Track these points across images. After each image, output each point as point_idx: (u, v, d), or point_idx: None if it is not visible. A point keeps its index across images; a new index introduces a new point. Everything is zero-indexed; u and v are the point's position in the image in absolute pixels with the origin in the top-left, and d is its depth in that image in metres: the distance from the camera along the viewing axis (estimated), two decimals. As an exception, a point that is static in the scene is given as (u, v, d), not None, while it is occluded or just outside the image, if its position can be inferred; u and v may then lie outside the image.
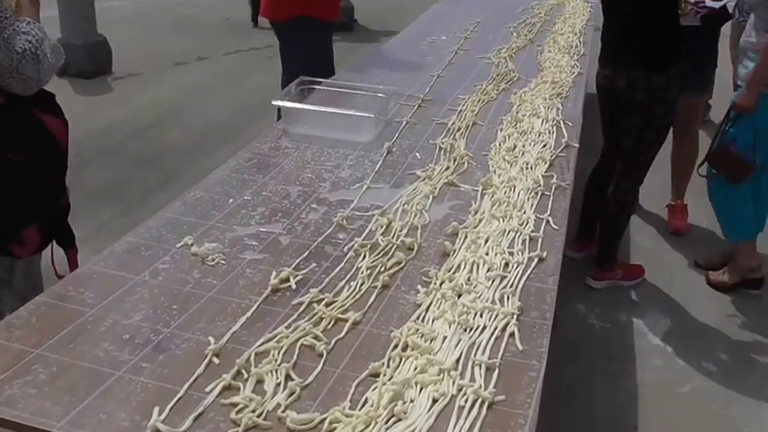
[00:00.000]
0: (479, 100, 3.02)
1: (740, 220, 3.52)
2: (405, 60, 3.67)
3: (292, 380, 1.38)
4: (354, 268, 1.79)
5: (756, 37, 3.26)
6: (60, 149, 2.08)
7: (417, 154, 2.51)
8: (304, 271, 1.76)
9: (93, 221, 2.93)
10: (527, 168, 2.37)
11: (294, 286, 1.70)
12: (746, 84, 3.25)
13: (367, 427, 1.26)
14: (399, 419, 1.29)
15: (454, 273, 1.77)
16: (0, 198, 1.95)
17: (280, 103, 2.63)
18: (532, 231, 1.98)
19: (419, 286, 1.72)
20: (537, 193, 2.20)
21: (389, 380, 1.38)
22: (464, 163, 2.42)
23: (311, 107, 2.65)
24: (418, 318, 1.60)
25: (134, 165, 4.81)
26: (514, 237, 1.95)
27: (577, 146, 2.59)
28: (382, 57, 3.82)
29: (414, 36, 4.20)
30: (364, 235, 1.95)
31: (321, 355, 1.46)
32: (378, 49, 4.16)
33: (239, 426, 1.26)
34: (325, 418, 1.28)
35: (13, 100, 1.96)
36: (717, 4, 3.47)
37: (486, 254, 1.85)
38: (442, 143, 2.56)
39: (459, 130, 2.70)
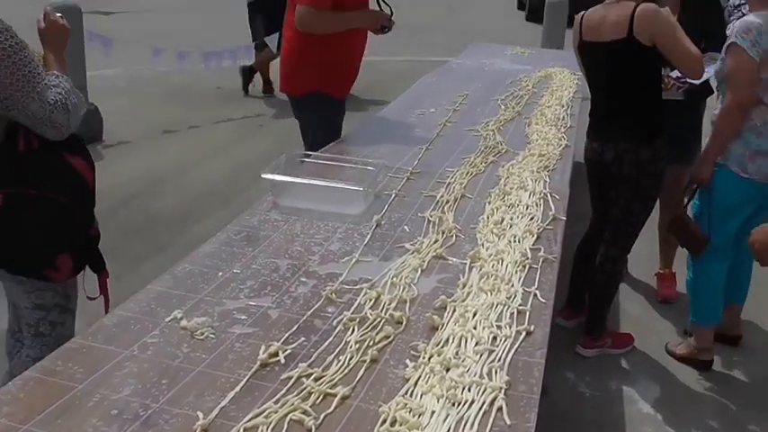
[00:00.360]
0: (468, 173, 3.07)
1: (705, 304, 3.54)
2: (394, 132, 3.73)
3: (280, 457, 1.38)
4: (343, 342, 1.80)
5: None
6: (88, 187, 2.40)
7: (406, 227, 2.54)
8: (293, 345, 1.77)
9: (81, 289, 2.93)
10: (515, 241, 2.40)
11: (283, 361, 1.70)
12: (703, 154, 3.34)
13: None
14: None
15: (442, 347, 1.78)
16: (35, 230, 2.29)
17: (269, 176, 2.67)
18: (520, 305, 2.00)
19: (408, 360, 1.73)
20: (525, 267, 2.23)
21: (378, 457, 1.38)
22: (452, 236, 2.45)
23: (301, 180, 2.69)
24: (407, 392, 1.60)
25: (124, 233, 4.82)
26: (502, 310, 1.97)
27: (564, 219, 2.63)
28: (372, 129, 3.88)
29: (403, 108, 4.28)
30: (353, 308, 1.96)
31: (310, 431, 1.46)
32: (367, 120, 4.23)
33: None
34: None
35: (45, 144, 2.26)
36: (697, 81, 3.56)
37: (475, 328, 1.87)
38: (431, 216, 2.60)
39: (447, 202, 2.73)
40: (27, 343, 2.47)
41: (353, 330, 1.85)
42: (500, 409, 1.55)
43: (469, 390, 1.60)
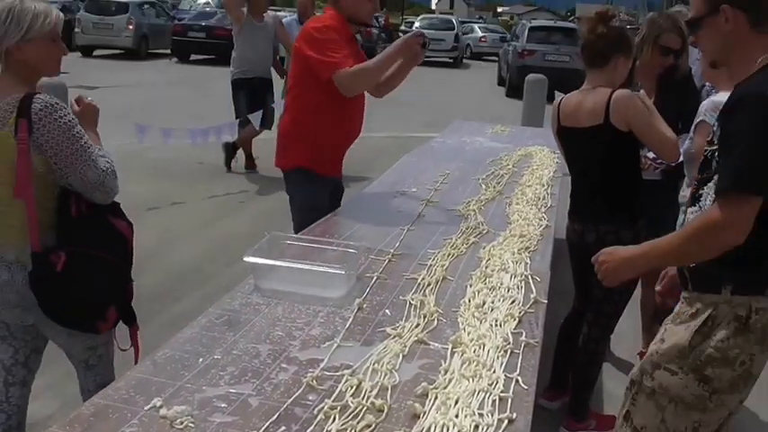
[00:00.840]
0: (449, 254, 3.08)
1: None
2: (376, 212, 3.75)
3: None
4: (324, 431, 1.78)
5: (686, 191, 3.40)
6: (128, 246, 2.73)
7: (388, 310, 2.54)
8: (273, 435, 1.75)
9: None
10: (496, 325, 2.40)
11: (263, 452, 1.68)
12: None
13: None
14: None
15: (424, 436, 1.76)
16: (92, 287, 2.59)
17: (251, 259, 2.66)
18: (502, 392, 1.99)
19: (389, 451, 1.71)
20: (506, 351, 2.22)
21: None
22: (434, 320, 2.45)
23: (282, 264, 2.69)
24: (388, 486, 1.58)
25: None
26: (484, 397, 1.95)
27: (546, 302, 2.64)
28: (354, 208, 3.90)
29: (385, 187, 4.31)
30: (334, 396, 1.94)
31: None
32: (350, 199, 4.25)
33: None
34: None
35: (92, 209, 2.59)
36: (672, 162, 3.63)
37: (456, 416, 1.85)
38: (412, 299, 2.60)
39: (429, 285, 2.74)
40: (80, 375, 2.83)
41: (335, 419, 1.83)
42: (483, 502, 1.53)
43: (452, 482, 1.59)
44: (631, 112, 3.24)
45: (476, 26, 36.48)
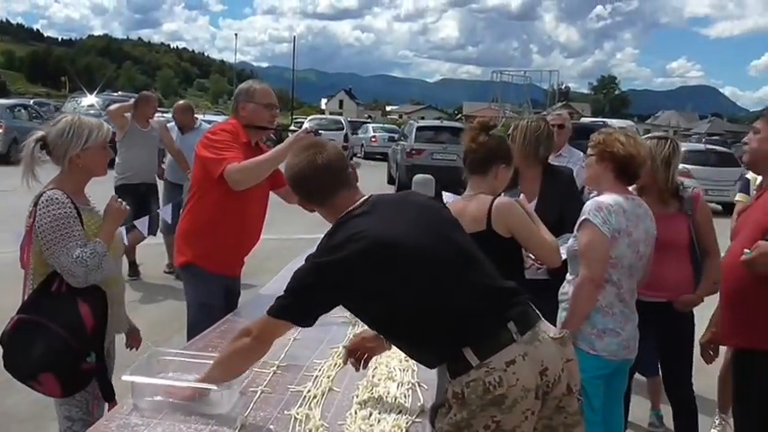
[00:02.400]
0: (335, 364, 3.04)
1: None
2: None
3: None
4: None
5: (567, 287, 3.51)
6: (85, 330, 2.99)
7: (272, 426, 2.47)
8: None
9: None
10: (383, 438, 2.36)
11: None
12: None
13: None
14: None
15: None
16: (27, 348, 2.95)
17: (130, 378, 2.56)
18: None
19: None
20: (393, 466, 2.18)
21: None
22: (320, 435, 2.39)
23: (162, 382, 2.59)
24: None
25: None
26: None
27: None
28: (240, 318, 3.80)
29: (272, 293, 4.19)
30: None
31: None
32: (242, 306, 4.16)
33: None
34: None
35: (70, 289, 3.01)
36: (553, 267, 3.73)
37: None
38: (298, 413, 2.53)
39: (314, 397, 2.69)
40: None
41: None
42: None
43: None
44: (512, 219, 3.33)
45: (370, 126, 36.88)
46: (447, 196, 9.78)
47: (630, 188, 3.59)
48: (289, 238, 10.27)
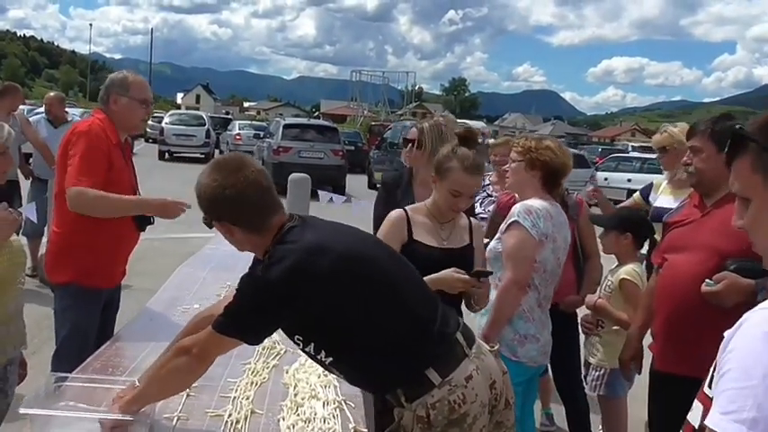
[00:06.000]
0: (251, 382, 2.82)
1: None
2: (159, 337, 3.36)
3: None
4: None
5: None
6: None
7: (197, 458, 2.25)
8: None
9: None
10: (320, 465, 2.19)
11: None
12: (482, 337, 3.41)
13: None
14: None
15: None
16: None
17: (29, 411, 2.26)
18: None
19: None
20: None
21: None
22: (251, 465, 2.20)
23: (65, 414, 2.31)
24: None
25: None
26: None
27: (365, 430, 2.47)
28: (133, 334, 3.48)
29: (165, 304, 3.95)
30: None
31: None
32: (127, 324, 3.80)
33: None
34: None
35: None
36: None
37: None
38: (224, 443, 2.32)
39: (237, 422, 2.47)
40: None
41: None
42: None
43: None
44: None
45: (236, 123, 35.75)
46: (324, 195, 9.63)
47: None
48: (157, 237, 9.82)
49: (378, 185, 23.05)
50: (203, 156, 28.83)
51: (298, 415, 2.54)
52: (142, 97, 3.81)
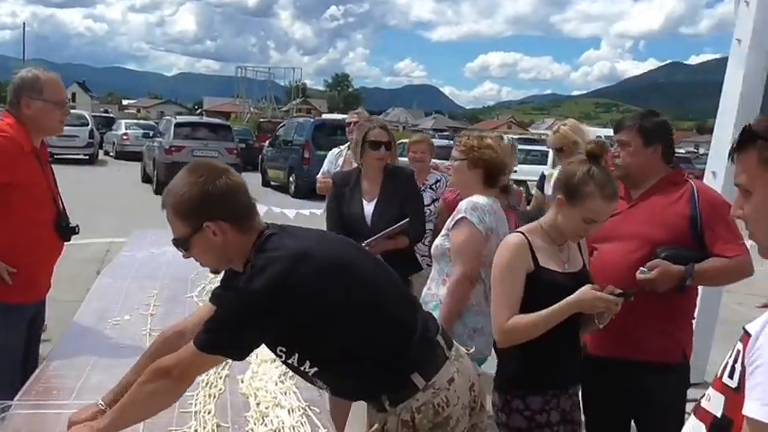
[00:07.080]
0: (209, 395, 2.71)
1: None
2: (97, 354, 3.18)
3: None
4: None
5: (435, 288, 3.46)
6: None
7: (169, 480, 2.15)
8: None
9: None
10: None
11: None
12: None
13: None
14: None
15: None
16: None
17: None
18: None
19: None
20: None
21: None
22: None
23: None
24: None
25: None
26: None
27: (333, 435, 2.42)
28: (70, 351, 3.27)
29: (94, 318, 3.75)
30: None
31: None
32: (60, 343, 3.53)
33: None
34: None
35: None
36: None
37: None
38: (196, 462, 2.23)
39: (205, 439, 2.38)
40: None
41: None
42: None
43: None
44: None
45: (122, 122, 34.76)
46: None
47: None
48: (77, 242, 9.41)
49: (271, 183, 22.66)
50: (87, 157, 27.83)
51: (265, 425, 2.47)
52: (57, 98, 3.58)
